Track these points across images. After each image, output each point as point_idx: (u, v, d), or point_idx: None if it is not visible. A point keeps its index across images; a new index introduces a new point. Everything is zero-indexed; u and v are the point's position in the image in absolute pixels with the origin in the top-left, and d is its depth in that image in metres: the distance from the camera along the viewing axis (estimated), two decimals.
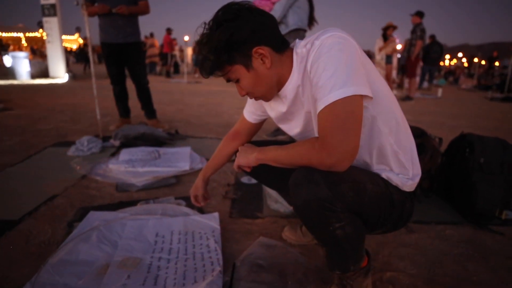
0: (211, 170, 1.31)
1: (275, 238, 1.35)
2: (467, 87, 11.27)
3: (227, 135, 1.29)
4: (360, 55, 0.81)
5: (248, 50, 0.86)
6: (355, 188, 0.83)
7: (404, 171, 0.91)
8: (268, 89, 0.93)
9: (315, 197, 0.80)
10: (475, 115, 5.16)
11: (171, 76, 11.39)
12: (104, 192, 1.77)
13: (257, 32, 0.85)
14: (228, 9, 0.86)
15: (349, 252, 0.89)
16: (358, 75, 0.77)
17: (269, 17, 0.89)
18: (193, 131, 3.21)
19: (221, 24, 0.84)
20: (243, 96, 0.99)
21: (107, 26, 2.90)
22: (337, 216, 0.82)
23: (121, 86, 3.14)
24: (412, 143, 0.95)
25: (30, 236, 1.32)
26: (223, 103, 5.45)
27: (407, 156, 0.91)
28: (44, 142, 2.64)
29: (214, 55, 0.86)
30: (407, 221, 0.98)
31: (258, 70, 0.88)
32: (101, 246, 1.23)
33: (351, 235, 0.85)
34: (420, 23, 6.18)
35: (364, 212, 0.86)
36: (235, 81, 0.93)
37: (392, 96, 0.91)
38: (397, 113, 0.90)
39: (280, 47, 0.90)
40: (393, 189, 0.90)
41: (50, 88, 6.71)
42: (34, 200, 1.62)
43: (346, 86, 0.75)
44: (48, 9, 8.01)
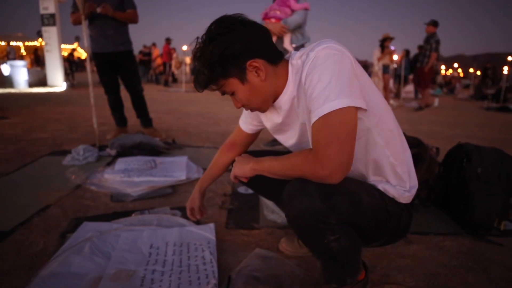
0: (207, 181, 1.31)
1: (272, 249, 1.32)
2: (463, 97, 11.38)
3: (223, 146, 1.29)
4: (355, 67, 0.81)
5: (242, 64, 0.86)
6: (350, 200, 0.82)
7: (401, 183, 0.91)
8: (264, 101, 0.93)
9: (309, 210, 0.79)
10: (471, 124, 5.18)
11: (169, 85, 11.44)
12: (99, 202, 1.75)
13: (250, 45, 0.85)
14: (221, 23, 0.86)
15: (345, 264, 0.87)
16: (352, 87, 0.77)
17: (262, 29, 0.90)
18: (190, 140, 3.20)
19: (215, 38, 0.84)
20: (238, 108, 0.99)
21: (97, 36, 2.88)
22: (331, 228, 0.80)
23: (115, 95, 3.13)
24: (408, 155, 0.94)
25: (21, 247, 1.29)
26: (221, 111, 5.46)
27: (403, 168, 0.91)
28: (40, 151, 2.62)
29: (208, 69, 0.86)
30: (404, 233, 0.96)
31: (253, 83, 0.88)
32: (94, 258, 1.20)
33: (347, 247, 0.83)
34: (435, 33, 6.16)
35: (359, 224, 0.85)
36: (230, 94, 0.92)
37: (387, 107, 0.91)
38: (392, 124, 0.90)
39: (275, 59, 0.90)
40: (389, 200, 0.89)
41: (48, 97, 6.70)
42: (27, 210, 1.59)
43: (340, 98, 0.74)
44: (48, 18, 8.06)
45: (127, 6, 2.86)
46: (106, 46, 2.90)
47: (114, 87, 3.10)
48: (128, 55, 3.03)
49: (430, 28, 6.21)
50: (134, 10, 2.90)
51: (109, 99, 3.14)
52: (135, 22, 2.96)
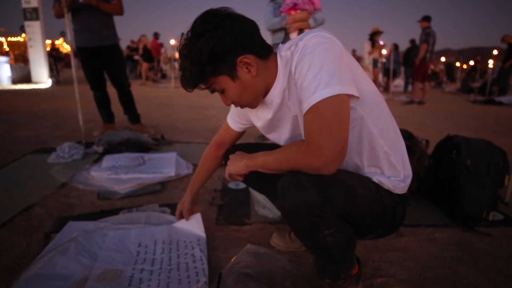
0: (198, 184, 1.31)
1: (263, 245, 1.31)
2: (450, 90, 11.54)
3: (209, 147, 1.28)
4: (346, 55, 0.79)
5: (232, 60, 0.83)
6: (345, 193, 0.80)
7: (396, 173, 0.90)
8: (255, 97, 0.91)
9: (304, 203, 0.76)
10: (459, 117, 5.25)
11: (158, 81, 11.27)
12: (85, 200, 1.70)
13: (240, 40, 0.82)
14: (207, 17, 0.82)
15: (340, 260, 0.86)
16: (343, 74, 0.75)
17: (250, 22, 0.87)
18: (180, 136, 3.15)
19: (202, 34, 0.80)
20: (228, 105, 0.96)
21: (81, 29, 2.79)
22: (327, 222, 0.79)
23: (101, 91, 3.05)
24: (402, 144, 0.93)
25: (2, 249, 1.24)
26: (211, 106, 5.40)
27: (397, 157, 0.89)
28: (24, 149, 2.53)
29: (197, 68, 0.82)
30: (399, 225, 0.95)
31: (244, 79, 0.86)
32: (80, 259, 1.16)
33: (342, 242, 0.82)
34: (428, 26, 6.20)
35: (355, 218, 0.83)
36: (220, 91, 0.89)
37: (380, 97, 0.89)
38: (386, 114, 0.89)
39: (265, 53, 0.87)
40: (384, 193, 0.88)
41: (32, 94, 6.52)
42: (9, 210, 1.53)
43: (331, 86, 0.72)
44: (30, 12, 7.81)
45: None
46: (91, 40, 2.81)
47: (100, 82, 3.02)
48: (114, 49, 2.95)
49: (423, 23, 6.26)
50: (118, 1, 2.81)
51: (95, 95, 3.06)
52: (120, 14, 2.88)
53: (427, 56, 6.31)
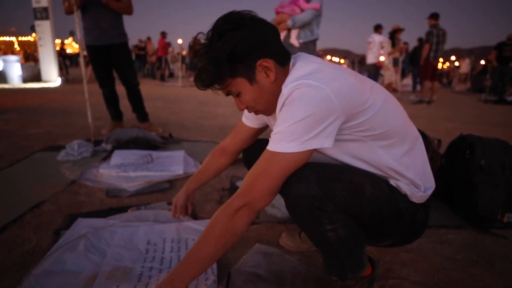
0: (195, 183, 1.28)
1: (272, 244, 1.29)
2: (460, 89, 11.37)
3: (214, 150, 1.26)
4: (340, 85, 0.77)
5: (252, 63, 0.82)
6: (350, 188, 0.79)
7: (415, 184, 0.88)
8: (270, 103, 0.89)
9: (305, 194, 0.77)
10: (470, 117, 5.17)
11: (166, 79, 11.32)
12: (94, 198, 1.70)
13: (261, 43, 0.81)
14: (230, 18, 0.81)
15: (344, 257, 0.84)
16: (310, 131, 0.75)
17: (272, 27, 0.86)
18: (188, 135, 3.15)
19: (224, 33, 0.79)
20: (241, 110, 0.94)
21: (91, 28, 2.81)
22: (328, 217, 0.78)
23: (110, 89, 3.07)
24: (422, 158, 0.91)
25: (13, 245, 1.25)
26: (219, 105, 5.40)
27: (415, 173, 0.87)
28: (34, 147, 2.56)
29: (215, 67, 0.81)
30: (420, 233, 0.93)
31: (262, 84, 0.84)
32: (89, 256, 1.16)
33: (345, 239, 0.80)
34: (435, 24, 6.11)
35: (362, 217, 0.82)
36: (235, 94, 0.88)
37: (395, 111, 0.87)
38: (398, 131, 0.86)
39: (284, 60, 0.86)
40: (400, 197, 0.86)
41: (42, 92, 6.61)
42: (19, 207, 1.54)
43: (287, 141, 0.76)
44: (40, 12, 7.91)
45: None
46: (101, 39, 2.83)
47: (109, 80, 3.04)
48: (123, 47, 2.96)
49: (431, 21, 6.17)
50: (128, 0, 2.82)
51: (104, 93, 3.08)
52: (130, 13, 2.89)
53: (431, 55, 6.21)
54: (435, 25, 6.13)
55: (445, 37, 6.15)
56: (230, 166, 1.29)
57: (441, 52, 6.24)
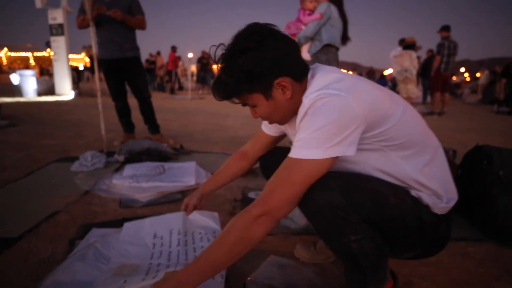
0: (211, 185, 1.30)
1: (287, 256, 1.27)
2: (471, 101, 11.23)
3: (235, 154, 1.28)
4: (361, 94, 0.78)
5: (270, 81, 0.84)
6: (373, 198, 0.77)
7: (437, 195, 0.86)
8: (284, 116, 0.93)
9: (328, 204, 0.75)
10: (483, 128, 5.08)
11: (175, 92, 11.49)
12: (108, 208, 1.71)
13: (280, 63, 0.84)
14: (251, 35, 0.83)
15: (367, 269, 0.81)
16: (334, 136, 0.75)
17: (292, 43, 0.88)
18: (198, 146, 3.17)
19: (244, 52, 0.82)
20: (255, 118, 0.97)
21: (105, 42, 2.88)
22: (352, 227, 0.76)
23: (122, 102, 3.12)
24: (444, 168, 0.90)
25: (29, 254, 1.26)
26: (228, 117, 5.44)
27: (437, 184, 0.86)
28: (48, 158, 2.60)
29: (234, 82, 0.84)
30: (443, 246, 0.91)
31: (277, 100, 0.87)
32: (99, 265, 1.15)
33: (369, 250, 0.78)
34: (446, 36, 6.12)
35: (386, 228, 0.80)
36: (251, 106, 0.92)
37: (415, 120, 0.87)
38: (419, 141, 0.85)
39: (301, 75, 0.88)
40: (422, 208, 0.84)
41: (56, 105, 6.76)
42: (35, 216, 1.56)
43: (310, 148, 0.76)
44: (56, 28, 8.18)
45: (135, 12, 2.87)
46: (114, 53, 2.90)
47: (122, 93, 3.10)
48: (136, 61, 3.02)
49: (442, 33, 6.19)
50: (142, 16, 2.90)
51: (117, 106, 3.13)
52: (143, 28, 2.96)
53: (442, 67, 6.19)
54: (446, 37, 6.13)
55: (456, 50, 6.14)
56: (242, 177, 1.30)
57: (452, 64, 6.21)
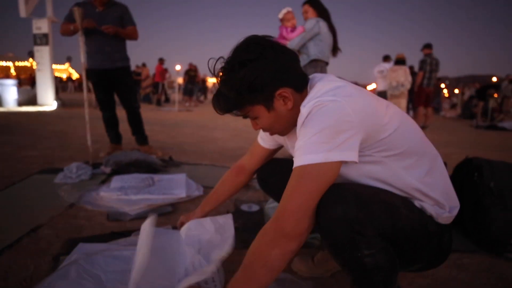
0: (210, 205, 1.28)
1: (285, 270, 1.23)
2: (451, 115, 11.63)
3: (231, 169, 1.27)
4: (360, 110, 0.77)
5: (271, 92, 0.84)
6: (388, 211, 0.76)
7: (439, 204, 0.86)
8: (286, 127, 0.93)
9: (344, 217, 0.73)
10: (465, 142, 5.24)
11: (162, 104, 11.39)
12: (94, 221, 1.63)
13: (281, 73, 0.84)
14: (251, 47, 0.83)
15: (379, 284, 0.79)
16: (327, 141, 0.74)
17: (292, 54, 0.88)
18: (187, 158, 3.12)
19: (245, 64, 0.82)
20: (256, 130, 0.97)
21: (94, 52, 2.83)
22: (367, 241, 0.74)
23: (111, 112, 3.06)
24: (444, 177, 0.90)
25: (9, 272, 1.17)
26: (216, 129, 5.40)
27: (439, 193, 0.86)
28: (30, 169, 2.49)
29: (235, 95, 0.84)
30: (446, 256, 0.90)
31: (279, 111, 0.87)
32: (83, 283, 1.07)
33: (383, 265, 0.76)
34: (428, 53, 6.36)
35: (397, 241, 0.78)
36: (252, 118, 0.91)
37: (412, 129, 0.88)
38: (418, 149, 0.85)
39: (302, 85, 0.88)
40: (427, 218, 0.83)
41: (38, 115, 6.56)
42: (15, 231, 1.47)
43: (315, 153, 0.74)
44: (40, 38, 8.03)
45: (127, 23, 2.84)
46: (104, 63, 2.85)
47: (110, 104, 3.04)
48: (126, 71, 2.98)
49: (425, 51, 6.44)
50: (134, 26, 2.88)
51: (104, 116, 3.06)
52: (135, 39, 2.94)
53: (424, 83, 6.42)
54: (429, 54, 6.38)
55: (438, 66, 6.39)
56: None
57: (434, 80, 6.45)
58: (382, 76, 6.84)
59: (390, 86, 6.38)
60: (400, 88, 6.24)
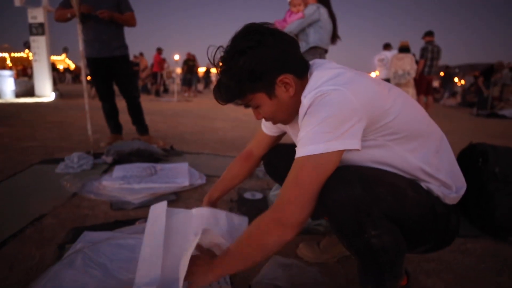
0: (218, 191, 1.24)
1: (290, 256, 1.24)
2: (451, 104, 11.60)
3: (239, 156, 1.25)
4: (359, 87, 0.77)
5: (272, 79, 0.83)
6: (394, 192, 0.76)
7: (446, 185, 0.85)
8: (289, 115, 0.91)
9: (349, 198, 0.72)
10: (466, 130, 5.24)
11: (161, 95, 11.31)
12: (98, 210, 1.63)
13: (281, 60, 0.82)
14: (249, 34, 0.81)
15: (385, 266, 0.79)
16: (330, 131, 0.73)
17: (292, 41, 0.86)
18: (188, 147, 3.10)
19: (244, 51, 0.80)
20: (259, 120, 0.96)
21: (91, 40, 2.77)
22: (373, 222, 0.74)
23: (110, 102, 3.02)
24: (450, 157, 0.90)
25: (14, 261, 1.17)
26: (216, 119, 5.37)
27: (445, 174, 0.86)
28: (30, 160, 2.47)
29: (236, 84, 0.83)
30: (453, 238, 0.89)
31: (281, 98, 0.86)
32: (89, 271, 1.06)
33: (389, 246, 0.76)
34: (430, 41, 6.25)
35: (404, 222, 0.78)
36: (254, 107, 0.90)
37: (416, 111, 0.87)
38: (422, 131, 0.85)
39: (303, 71, 0.86)
40: (434, 199, 0.83)
41: (36, 106, 6.51)
42: (19, 221, 1.46)
43: (316, 143, 0.73)
44: (36, 28, 7.92)
45: (124, 9, 2.78)
46: (102, 51, 2.80)
47: (109, 93, 3.00)
48: (125, 60, 2.93)
49: (426, 38, 6.35)
50: (131, 12, 2.82)
51: (104, 106, 3.03)
52: (133, 25, 2.88)
53: (425, 70, 6.34)
54: (430, 42, 6.29)
55: (440, 54, 6.30)
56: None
57: (436, 68, 6.37)
58: (383, 64, 6.77)
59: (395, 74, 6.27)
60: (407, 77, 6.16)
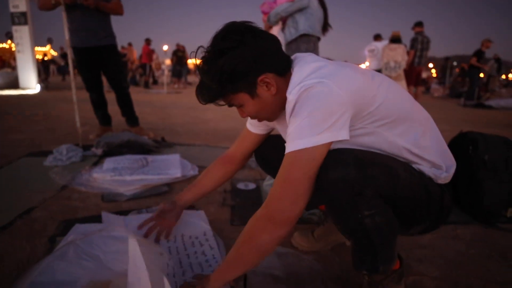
0: (190, 195, 1.21)
1: (285, 245, 1.24)
2: (439, 95, 11.76)
3: (218, 159, 1.22)
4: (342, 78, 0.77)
5: (253, 79, 0.82)
6: (387, 172, 0.77)
7: (436, 166, 0.86)
8: (272, 113, 0.91)
9: (343, 179, 0.73)
10: (454, 120, 5.32)
11: (150, 86, 11.14)
12: (89, 203, 1.60)
13: (262, 59, 0.82)
14: (230, 34, 0.80)
15: (378, 247, 0.80)
16: (318, 124, 0.73)
17: (272, 39, 0.85)
18: (180, 139, 3.07)
19: (224, 52, 0.79)
20: (244, 118, 0.95)
21: (78, 29, 2.67)
22: (367, 202, 0.75)
23: (97, 93, 2.94)
24: (437, 137, 0.91)
25: (4, 254, 1.14)
26: (208, 110, 5.32)
27: (434, 154, 0.87)
28: (17, 152, 2.41)
29: (217, 85, 0.82)
30: (447, 217, 0.91)
31: (263, 97, 0.85)
32: (82, 263, 1.05)
33: (382, 226, 0.77)
34: (420, 32, 6.28)
35: (397, 203, 0.79)
36: (238, 106, 0.89)
37: (401, 95, 0.87)
38: (409, 115, 0.85)
39: (284, 69, 0.86)
40: (427, 180, 0.84)
41: (21, 99, 6.34)
42: (8, 213, 1.43)
43: (304, 137, 0.74)
44: (18, 17, 7.64)
45: None
46: (88, 40, 2.72)
47: (97, 84, 2.92)
48: (113, 49, 2.86)
49: (416, 29, 6.37)
50: (118, 0, 2.73)
51: (92, 97, 2.96)
52: (120, 14, 2.80)
53: (415, 61, 6.39)
54: (420, 33, 6.32)
55: (429, 45, 6.34)
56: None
57: (425, 59, 6.43)
58: (373, 55, 6.79)
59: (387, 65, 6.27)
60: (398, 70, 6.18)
